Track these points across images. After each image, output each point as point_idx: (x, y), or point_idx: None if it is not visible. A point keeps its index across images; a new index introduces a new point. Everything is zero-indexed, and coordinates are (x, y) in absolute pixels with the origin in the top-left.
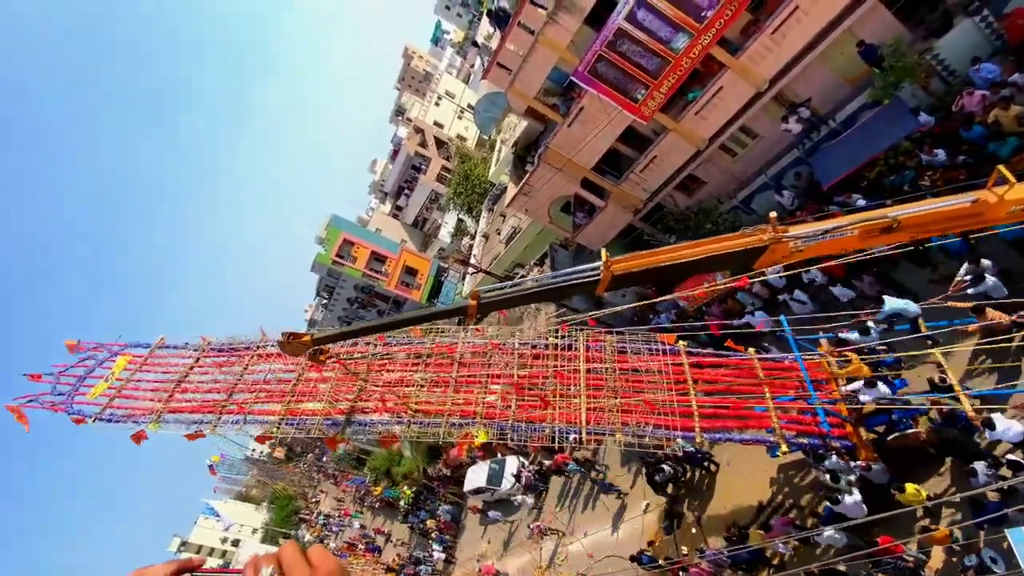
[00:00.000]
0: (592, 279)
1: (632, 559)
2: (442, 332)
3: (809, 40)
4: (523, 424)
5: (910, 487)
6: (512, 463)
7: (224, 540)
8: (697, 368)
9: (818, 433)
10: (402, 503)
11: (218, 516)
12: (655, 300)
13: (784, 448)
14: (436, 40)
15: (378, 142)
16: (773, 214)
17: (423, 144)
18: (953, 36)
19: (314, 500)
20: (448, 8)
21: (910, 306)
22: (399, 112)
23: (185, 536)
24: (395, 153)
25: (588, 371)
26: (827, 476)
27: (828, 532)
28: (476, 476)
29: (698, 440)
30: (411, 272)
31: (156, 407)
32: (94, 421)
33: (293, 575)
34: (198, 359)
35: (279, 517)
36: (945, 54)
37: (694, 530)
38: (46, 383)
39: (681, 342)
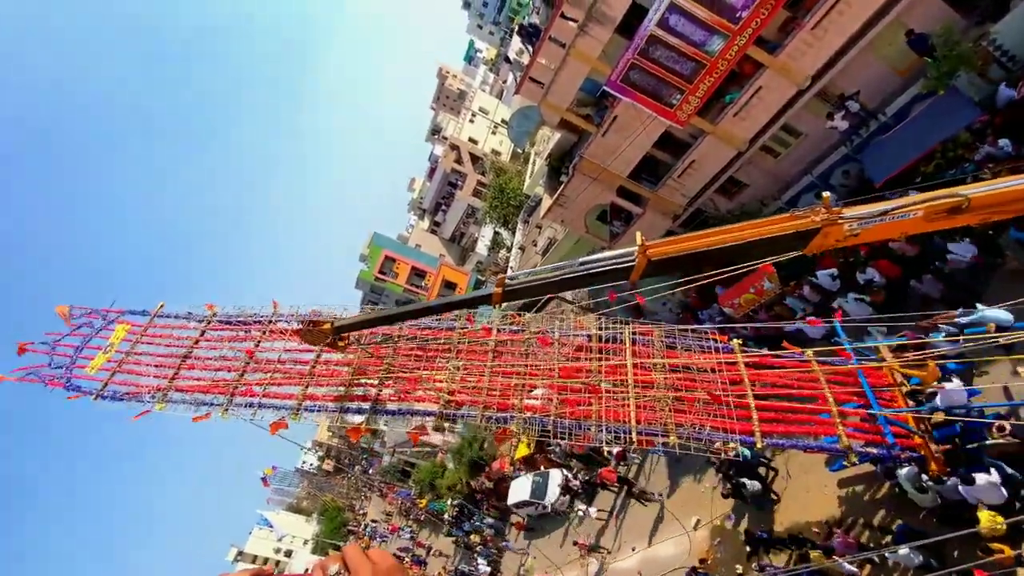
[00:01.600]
0: (626, 265)
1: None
2: (476, 314)
3: (853, 33)
4: (566, 421)
5: (984, 515)
6: (556, 476)
7: (277, 550)
8: (753, 368)
9: (884, 443)
10: (446, 516)
11: (271, 527)
12: (699, 278)
13: (852, 458)
14: (469, 59)
15: (416, 161)
16: (827, 194)
17: (459, 160)
18: (1011, 20)
19: (361, 512)
20: (480, 27)
21: (1000, 315)
22: (435, 131)
23: (241, 546)
24: (432, 171)
25: (635, 366)
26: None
27: (903, 551)
28: (520, 489)
29: (759, 445)
30: (450, 286)
31: (161, 384)
32: (96, 399)
33: (359, 571)
34: (203, 332)
35: (328, 528)
36: (1003, 39)
37: (748, 548)
38: (40, 353)
39: (735, 340)
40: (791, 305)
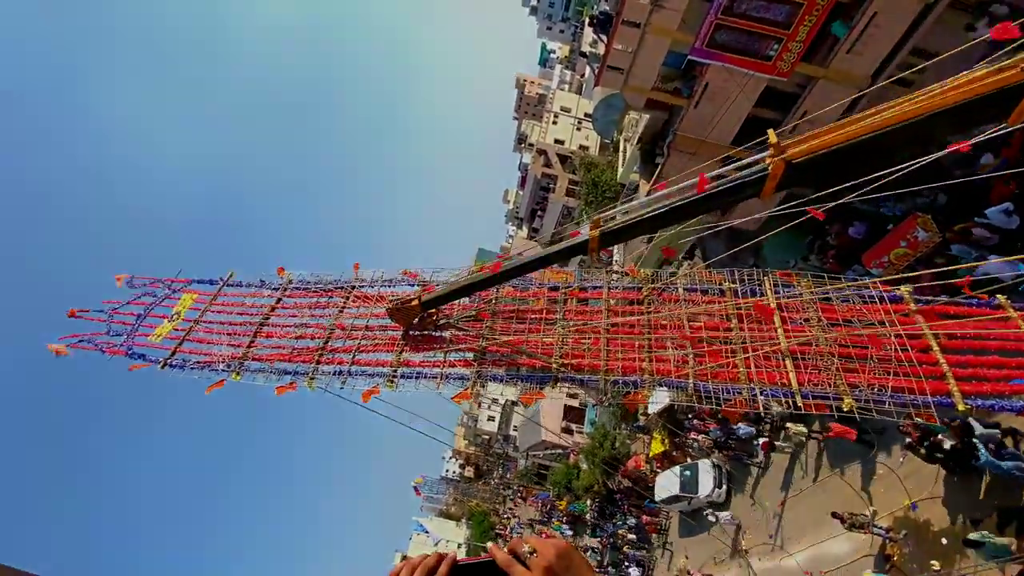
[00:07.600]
0: (758, 178)
1: None
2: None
3: None
4: (710, 385)
5: None
6: (707, 465)
7: None
8: (930, 318)
9: None
10: (587, 517)
11: (427, 532)
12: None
13: None
14: (543, 62)
15: (507, 173)
16: None
17: (547, 164)
18: None
19: (506, 516)
20: (549, 28)
21: None
22: (521, 140)
23: (404, 551)
24: (523, 179)
25: (783, 320)
26: None
27: None
28: (667, 484)
29: (960, 407)
30: (554, 288)
31: (236, 353)
32: (163, 367)
33: (544, 553)
34: (279, 299)
35: (477, 532)
36: None
37: (944, 540)
38: (95, 321)
39: (903, 287)
40: (958, 254)
